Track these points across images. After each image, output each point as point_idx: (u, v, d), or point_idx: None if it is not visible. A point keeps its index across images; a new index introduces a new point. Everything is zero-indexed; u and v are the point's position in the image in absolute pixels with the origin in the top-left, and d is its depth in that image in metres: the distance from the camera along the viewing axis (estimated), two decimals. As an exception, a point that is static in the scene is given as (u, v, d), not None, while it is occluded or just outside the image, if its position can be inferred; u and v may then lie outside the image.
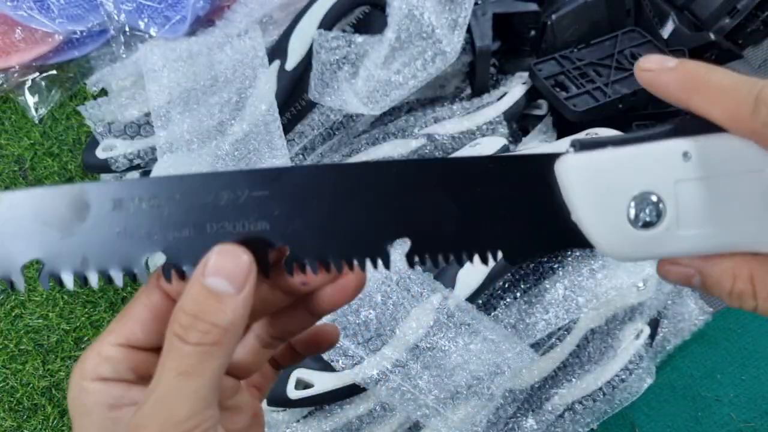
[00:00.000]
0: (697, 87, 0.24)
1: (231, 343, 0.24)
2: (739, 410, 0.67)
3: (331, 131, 0.68)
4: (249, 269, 0.24)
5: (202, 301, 0.23)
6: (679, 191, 0.23)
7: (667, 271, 0.25)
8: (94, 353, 0.26)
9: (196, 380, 0.23)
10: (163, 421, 0.22)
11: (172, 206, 0.24)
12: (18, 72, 0.80)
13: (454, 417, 0.56)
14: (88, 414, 0.25)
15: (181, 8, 0.76)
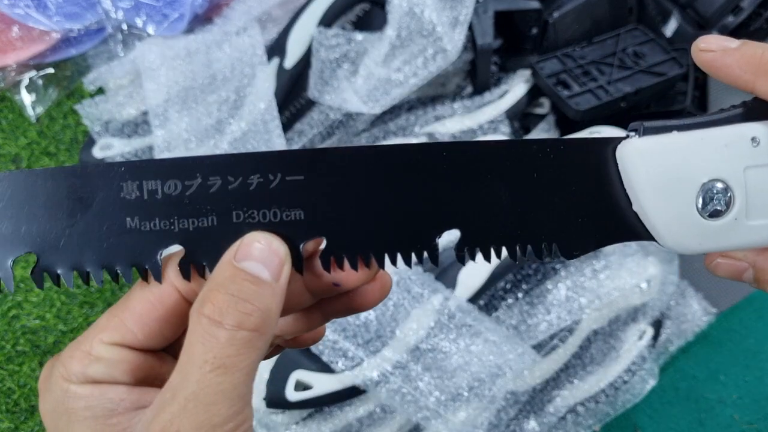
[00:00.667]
0: (763, 69, 0.22)
1: (269, 333, 0.21)
2: (742, 412, 0.67)
3: (331, 130, 0.68)
4: (285, 258, 0.21)
5: (240, 282, 0.20)
6: (749, 178, 0.22)
7: (716, 265, 0.25)
8: (80, 353, 0.22)
9: (235, 375, 0.20)
10: (198, 425, 0.19)
11: (192, 191, 0.21)
12: (15, 70, 0.79)
13: (455, 419, 0.56)
14: (79, 421, 0.21)
15: (180, 6, 0.75)
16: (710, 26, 0.74)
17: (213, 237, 0.21)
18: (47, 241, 0.20)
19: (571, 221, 0.22)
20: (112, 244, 0.21)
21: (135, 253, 0.21)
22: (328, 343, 0.55)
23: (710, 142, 0.22)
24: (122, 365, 0.22)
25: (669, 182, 0.22)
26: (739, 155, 0.22)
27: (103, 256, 0.21)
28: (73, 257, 0.21)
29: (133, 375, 0.22)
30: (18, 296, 0.71)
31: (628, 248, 0.63)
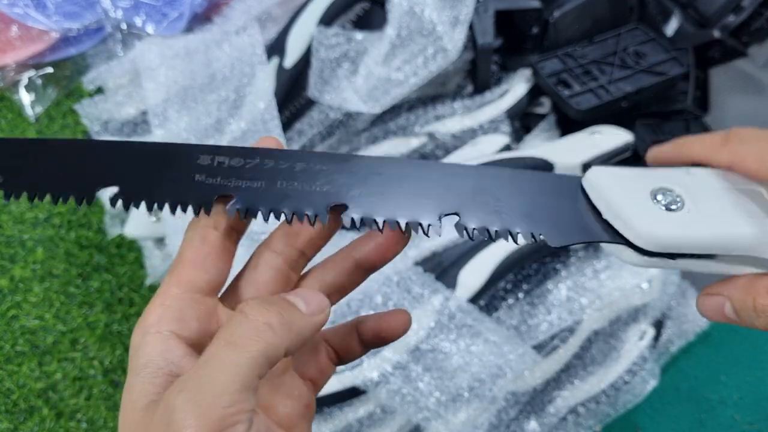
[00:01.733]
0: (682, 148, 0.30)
1: (283, 339, 0.24)
2: (743, 412, 0.66)
3: (331, 129, 0.68)
4: (325, 307, 0.26)
5: (275, 299, 0.25)
6: (690, 186, 0.28)
7: (703, 305, 0.28)
8: (156, 305, 0.26)
9: (239, 353, 0.23)
10: (197, 388, 0.22)
11: (251, 165, 0.27)
12: (14, 70, 0.79)
13: (455, 420, 0.56)
14: (138, 373, 0.24)
15: (179, 5, 0.75)
16: (711, 25, 0.74)
17: (259, 193, 0.27)
18: (132, 182, 0.27)
19: (555, 222, 0.28)
20: (181, 188, 0.27)
21: (199, 196, 0.27)
22: (328, 344, 0.55)
23: (654, 170, 0.29)
24: (190, 311, 0.26)
25: (627, 191, 0.27)
26: (678, 176, 0.28)
27: (172, 195, 0.27)
28: (149, 196, 0.27)
29: (200, 321, 0.26)
30: (17, 296, 0.70)
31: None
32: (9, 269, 0.71)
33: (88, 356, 0.68)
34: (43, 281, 0.71)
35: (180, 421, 0.21)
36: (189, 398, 0.22)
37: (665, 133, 0.70)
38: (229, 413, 0.22)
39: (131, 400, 0.24)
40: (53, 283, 0.71)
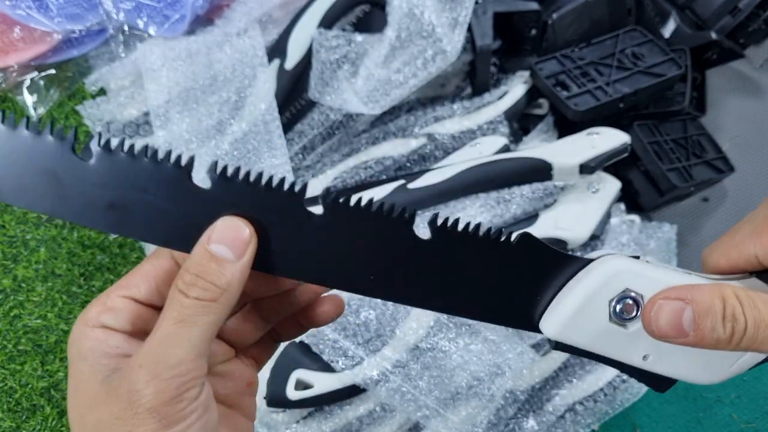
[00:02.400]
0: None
1: (226, 303, 0.26)
2: (740, 411, 0.67)
3: (331, 131, 0.68)
4: (249, 240, 0.27)
5: (205, 263, 0.26)
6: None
7: (659, 308, 0.26)
8: (99, 303, 0.28)
9: (191, 329, 0.25)
10: (157, 362, 0.25)
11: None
12: (16, 71, 0.79)
13: (454, 418, 0.56)
14: (85, 358, 0.27)
15: (181, 7, 0.75)
16: (708, 27, 0.74)
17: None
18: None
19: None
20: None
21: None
22: (328, 343, 0.55)
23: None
24: (127, 314, 0.28)
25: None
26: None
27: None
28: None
29: (135, 325, 0.28)
30: (20, 296, 0.71)
31: (626, 248, 0.64)
32: (12, 269, 0.72)
33: (91, 355, 0.69)
34: (46, 281, 0.71)
35: (142, 390, 0.24)
36: (149, 371, 0.24)
37: (662, 133, 0.71)
38: (186, 380, 0.25)
39: (83, 379, 0.26)
40: (56, 282, 0.71)
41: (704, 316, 0.25)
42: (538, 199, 0.63)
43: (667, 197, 0.68)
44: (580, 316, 0.28)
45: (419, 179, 0.62)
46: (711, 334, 0.25)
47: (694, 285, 0.26)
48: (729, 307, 0.25)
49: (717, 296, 0.25)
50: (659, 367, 0.28)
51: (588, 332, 0.28)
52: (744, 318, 0.25)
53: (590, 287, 0.28)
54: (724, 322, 0.25)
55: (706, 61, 0.78)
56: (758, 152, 0.78)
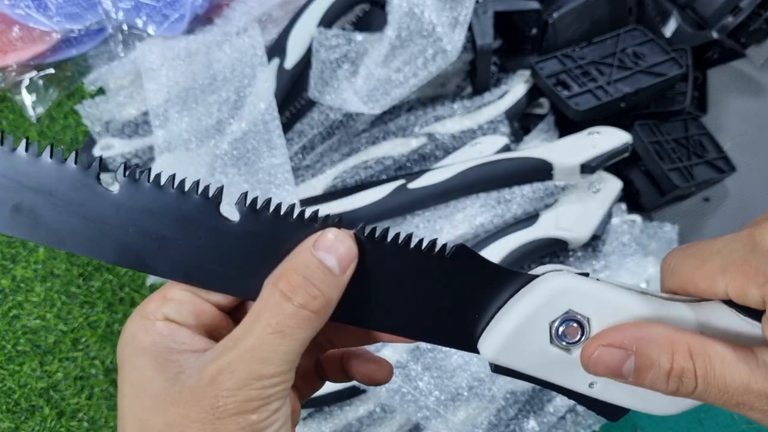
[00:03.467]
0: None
1: (325, 317, 0.25)
2: (741, 411, 0.67)
3: (331, 130, 0.68)
4: (354, 257, 0.25)
5: (314, 269, 0.24)
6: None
7: (597, 357, 0.24)
8: (158, 296, 0.26)
9: (289, 342, 0.24)
10: (249, 373, 0.23)
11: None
12: (15, 71, 0.79)
13: (454, 419, 0.56)
14: (146, 354, 0.24)
15: (180, 6, 0.75)
16: (709, 26, 0.74)
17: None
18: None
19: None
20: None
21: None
22: (328, 343, 0.55)
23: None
24: (190, 307, 0.26)
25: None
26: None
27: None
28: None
29: (197, 319, 0.26)
30: (19, 296, 0.71)
31: (627, 248, 0.63)
32: (10, 269, 0.72)
33: (90, 356, 0.69)
34: (45, 281, 0.71)
35: (230, 397, 0.23)
36: (240, 379, 0.23)
37: (664, 133, 0.71)
38: (274, 392, 0.24)
39: (145, 378, 0.24)
40: (55, 283, 0.71)
41: (646, 370, 0.23)
42: (539, 198, 0.63)
43: (668, 197, 0.68)
44: (519, 338, 0.26)
45: (419, 179, 0.62)
46: (652, 386, 0.23)
47: (643, 329, 0.24)
48: (677, 366, 0.23)
49: (665, 351, 0.23)
50: (607, 396, 0.26)
51: (528, 356, 0.26)
52: (695, 378, 0.23)
53: (529, 306, 0.26)
54: (669, 380, 0.23)
55: (707, 61, 0.77)
56: (760, 152, 0.78)
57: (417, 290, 0.27)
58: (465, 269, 0.26)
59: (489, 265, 0.27)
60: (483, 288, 0.27)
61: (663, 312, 0.25)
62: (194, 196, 0.25)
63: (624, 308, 0.25)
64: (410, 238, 0.26)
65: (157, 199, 0.25)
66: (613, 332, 0.24)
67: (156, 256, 0.25)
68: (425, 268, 0.26)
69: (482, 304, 0.27)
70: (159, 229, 0.25)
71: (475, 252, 0.27)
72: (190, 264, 0.26)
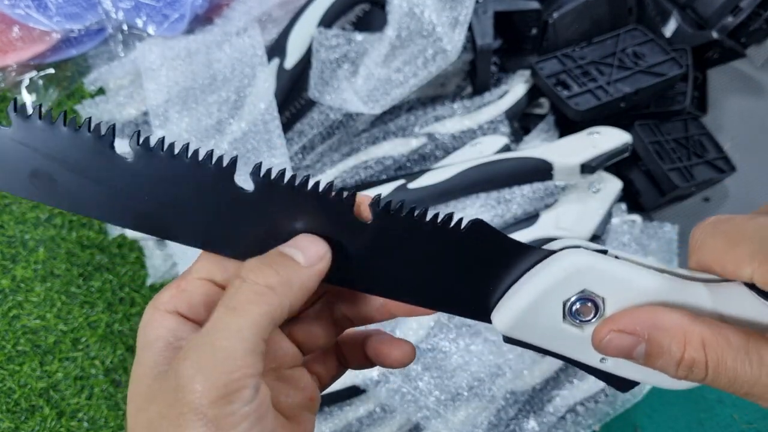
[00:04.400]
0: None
1: (284, 297, 0.24)
2: (741, 411, 0.67)
3: (331, 130, 0.68)
4: (324, 254, 0.25)
5: (273, 256, 0.25)
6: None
7: (608, 341, 0.24)
8: (174, 285, 0.26)
9: (241, 317, 0.23)
10: (202, 354, 0.22)
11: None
12: (15, 70, 0.79)
13: (454, 419, 0.56)
14: (149, 347, 0.25)
15: (180, 6, 0.75)
16: (709, 26, 0.74)
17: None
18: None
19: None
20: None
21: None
22: (328, 343, 0.55)
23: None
24: (202, 299, 0.26)
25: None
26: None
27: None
28: None
29: (208, 308, 0.26)
30: (19, 296, 0.71)
31: (628, 248, 0.63)
32: (11, 269, 0.72)
33: (90, 356, 0.69)
34: (45, 281, 0.71)
35: (187, 386, 0.22)
36: (194, 364, 0.22)
37: (664, 133, 0.71)
38: (234, 378, 0.22)
39: (142, 372, 0.24)
40: (54, 283, 0.71)
41: (656, 357, 0.23)
42: (539, 198, 0.63)
43: (668, 197, 0.68)
44: (532, 314, 0.26)
45: (419, 179, 0.62)
46: (662, 370, 0.24)
47: (657, 315, 0.23)
48: (688, 357, 0.23)
49: (677, 340, 0.23)
50: (617, 370, 0.26)
51: (540, 331, 0.26)
52: (705, 369, 0.22)
53: (544, 283, 0.26)
54: (678, 368, 0.23)
55: (707, 61, 0.77)
56: (760, 152, 0.78)
57: (432, 261, 0.27)
58: (481, 242, 0.27)
59: (506, 240, 0.27)
60: (499, 260, 0.27)
61: (681, 293, 0.24)
62: (209, 165, 0.25)
63: (640, 289, 0.25)
64: (426, 211, 0.26)
65: (172, 167, 0.25)
66: (626, 317, 0.24)
67: (174, 223, 0.26)
68: (441, 240, 0.27)
69: (497, 276, 0.27)
70: (175, 197, 0.25)
71: (493, 227, 0.27)
72: (209, 231, 0.26)
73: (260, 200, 0.26)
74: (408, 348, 0.30)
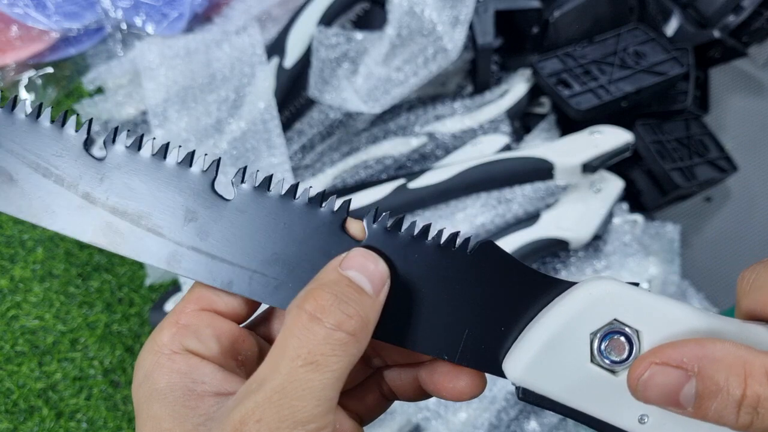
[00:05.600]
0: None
1: (363, 343, 0.21)
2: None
3: (331, 129, 0.68)
4: (386, 277, 0.22)
5: (344, 287, 0.21)
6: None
7: (649, 378, 0.19)
8: (170, 323, 0.23)
9: (325, 375, 0.19)
10: (281, 418, 0.19)
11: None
12: (14, 70, 0.79)
13: (455, 419, 0.56)
14: (162, 399, 0.21)
15: (179, 5, 0.75)
16: (711, 25, 0.74)
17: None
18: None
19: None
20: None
21: None
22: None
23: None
24: (209, 331, 0.22)
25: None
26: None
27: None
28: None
29: (219, 342, 0.23)
30: (17, 296, 0.70)
31: (629, 248, 0.63)
32: (9, 269, 0.71)
33: (88, 356, 0.68)
34: (43, 281, 0.71)
35: None
36: (271, 429, 0.19)
37: (665, 132, 0.70)
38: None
39: (165, 429, 0.20)
40: (53, 283, 0.71)
41: (711, 397, 0.18)
42: (540, 198, 0.63)
43: (669, 197, 0.68)
44: (553, 354, 0.21)
45: (420, 178, 0.62)
46: (718, 419, 0.18)
47: (707, 346, 0.19)
48: (752, 394, 0.18)
49: (736, 373, 0.18)
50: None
51: (563, 377, 0.21)
52: None
53: (567, 313, 0.21)
54: (740, 411, 0.18)
55: (708, 60, 0.77)
56: (761, 151, 0.77)
57: (432, 293, 0.23)
58: (491, 271, 0.22)
59: (520, 268, 0.23)
60: (511, 294, 0.22)
61: (733, 331, 0.20)
62: (189, 169, 0.23)
63: (684, 322, 0.20)
64: (428, 229, 0.23)
65: (157, 168, 0.23)
66: (670, 348, 0.19)
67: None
68: (443, 266, 0.23)
69: (510, 314, 0.22)
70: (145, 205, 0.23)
71: (504, 251, 0.23)
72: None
73: (241, 210, 0.23)
74: (478, 376, 0.25)
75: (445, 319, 0.23)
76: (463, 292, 0.23)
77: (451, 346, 0.23)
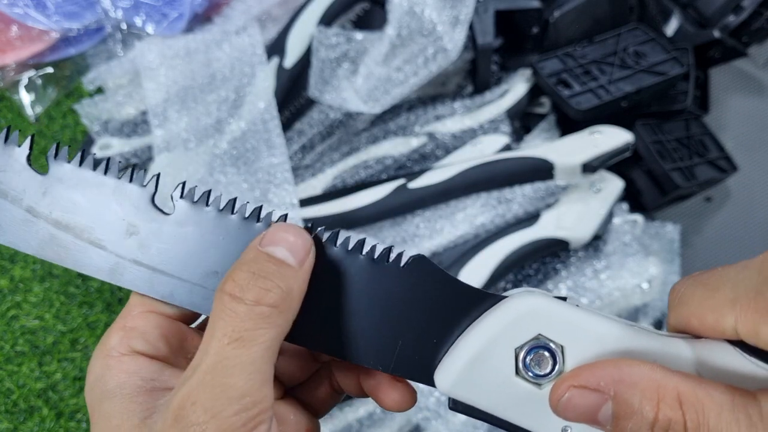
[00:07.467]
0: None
1: (289, 314, 0.21)
2: None
3: (331, 129, 0.68)
4: (309, 247, 0.22)
5: (262, 263, 0.21)
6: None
7: (568, 400, 0.20)
8: (118, 327, 0.23)
9: (252, 348, 0.20)
10: (214, 396, 0.19)
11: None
12: (14, 70, 0.79)
13: (455, 419, 0.56)
14: (112, 398, 0.21)
15: (179, 5, 0.75)
16: (711, 25, 0.74)
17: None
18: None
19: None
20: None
21: None
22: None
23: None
24: (157, 332, 0.23)
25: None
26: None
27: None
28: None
29: (168, 342, 0.24)
30: (17, 296, 0.70)
31: (629, 248, 0.63)
32: (9, 269, 0.71)
33: (88, 356, 0.68)
34: (43, 281, 0.71)
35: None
36: (207, 409, 0.19)
37: (665, 132, 0.70)
38: (252, 415, 0.20)
39: (114, 425, 0.21)
40: (53, 283, 0.71)
41: (626, 419, 0.19)
42: (540, 198, 0.62)
43: (669, 197, 0.68)
44: (480, 366, 0.22)
45: (420, 178, 0.62)
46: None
47: (624, 368, 0.20)
48: (663, 417, 0.19)
49: (649, 397, 0.19)
50: None
51: (490, 389, 0.22)
52: (684, 429, 0.19)
53: (493, 327, 0.22)
54: (653, 430, 0.19)
55: (708, 60, 0.77)
56: (762, 151, 0.77)
57: (366, 306, 0.23)
58: (424, 285, 0.23)
59: (451, 282, 0.23)
60: (443, 308, 0.23)
61: (654, 347, 0.21)
62: (129, 184, 0.24)
63: (606, 338, 0.21)
64: (363, 243, 0.23)
65: (98, 183, 0.24)
66: (588, 372, 0.20)
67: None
68: (376, 280, 0.23)
69: (442, 327, 0.23)
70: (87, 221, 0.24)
71: (436, 266, 0.24)
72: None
73: (180, 225, 0.24)
74: (408, 392, 0.26)
75: (380, 331, 0.24)
76: (397, 305, 0.23)
77: (385, 357, 0.24)
